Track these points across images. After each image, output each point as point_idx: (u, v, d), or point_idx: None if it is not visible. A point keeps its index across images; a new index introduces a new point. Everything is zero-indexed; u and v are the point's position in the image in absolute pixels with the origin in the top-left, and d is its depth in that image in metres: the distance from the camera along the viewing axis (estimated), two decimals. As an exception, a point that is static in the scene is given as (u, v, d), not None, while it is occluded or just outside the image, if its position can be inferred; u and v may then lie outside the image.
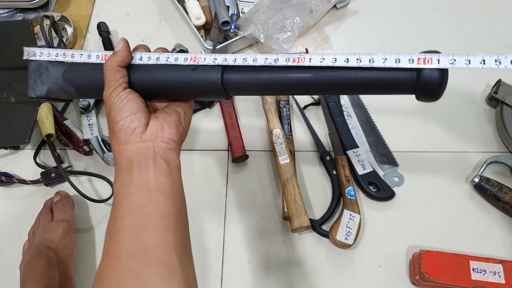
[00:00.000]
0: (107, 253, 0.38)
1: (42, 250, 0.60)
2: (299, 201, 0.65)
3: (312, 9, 0.80)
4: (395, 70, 0.39)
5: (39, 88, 0.48)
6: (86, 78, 0.47)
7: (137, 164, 0.40)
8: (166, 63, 0.46)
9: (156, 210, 0.39)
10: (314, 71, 0.41)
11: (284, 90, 0.44)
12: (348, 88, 0.42)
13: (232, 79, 0.43)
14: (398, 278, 0.64)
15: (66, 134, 0.74)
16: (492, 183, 0.67)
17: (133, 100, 0.42)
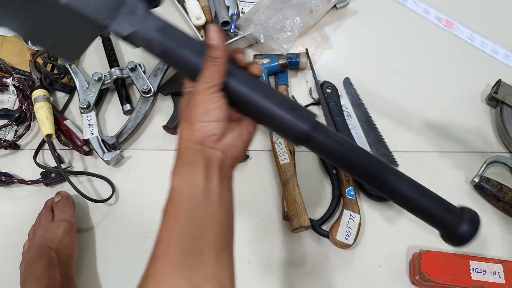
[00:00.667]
0: (164, 253, 0.37)
1: (43, 250, 0.60)
2: (299, 201, 0.65)
3: (312, 9, 0.80)
4: (445, 211, 0.45)
5: (124, 25, 0.44)
6: (180, 50, 0.44)
7: (204, 169, 0.39)
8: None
9: (218, 225, 0.38)
10: (392, 177, 0.45)
11: (354, 173, 0.45)
12: (401, 201, 0.46)
13: (317, 139, 0.43)
14: (398, 278, 0.64)
15: (66, 134, 0.74)
16: (492, 183, 0.67)
17: (222, 108, 0.41)
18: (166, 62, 0.47)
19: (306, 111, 0.44)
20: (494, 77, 0.77)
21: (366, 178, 0.45)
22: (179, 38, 0.45)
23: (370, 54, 0.85)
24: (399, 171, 0.46)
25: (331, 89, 0.79)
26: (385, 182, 0.44)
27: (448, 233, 0.45)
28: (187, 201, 0.39)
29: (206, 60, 0.42)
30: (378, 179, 0.44)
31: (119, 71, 0.78)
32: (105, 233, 0.69)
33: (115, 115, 0.79)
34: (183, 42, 0.44)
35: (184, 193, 0.39)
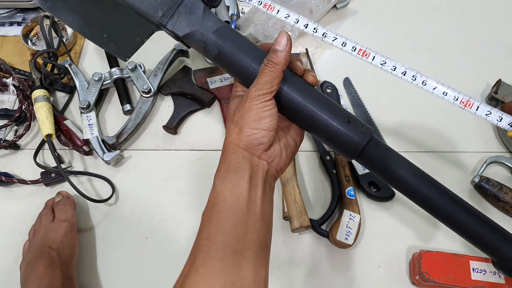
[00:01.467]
0: (204, 263, 0.36)
1: (44, 249, 0.60)
2: (299, 201, 0.65)
3: (312, 9, 0.80)
4: (503, 240, 0.43)
5: (180, 25, 0.43)
6: (237, 54, 0.43)
7: (249, 178, 0.39)
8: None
9: (258, 240, 0.37)
10: (449, 204, 0.44)
11: (408, 195, 0.44)
12: (461, 232, 0.45)
13: (371, 153, 0.42)
14: (398, 278, 0.64)
15: (66, 134, 0.74)
16: (492, 183, 0.67)
17: (274, 116, 0.40)
18: (219, 65, 0.45)
19: (362, 124, 0.42)
20: (494, 77, 0.77)
21: (421, 203, 0.44)
22: (236, 41, 0.43)
23: (370, 54, 0.85)
24: (457, 197, 0.45)
25: (331, 89, 0.79)
26: (443, 211, 0.44)
27: (503, 262, 0.43)
28: (230, 210, 0.38)
29: (265, 65, 0.40)
30: (436, 208, 0.44)
31: (119, 71, 0.78)
32: (105, 233, 0.69)
33: (115, 115, 0.79)
34: (240, 46, 0.43)
35: (227, 201, 0.38)
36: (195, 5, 0.43)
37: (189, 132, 0.77)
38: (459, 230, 0.44)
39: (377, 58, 0.43)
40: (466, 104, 0.43)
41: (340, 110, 0.43)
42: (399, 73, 0.44)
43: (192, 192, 0.71)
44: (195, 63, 0.84)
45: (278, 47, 0.40)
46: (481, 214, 0.45)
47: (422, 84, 0.44)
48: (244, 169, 0.39)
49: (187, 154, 0.75)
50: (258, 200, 0.39)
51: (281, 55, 0.40)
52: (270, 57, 0.40)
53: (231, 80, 0.80)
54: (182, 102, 0.78)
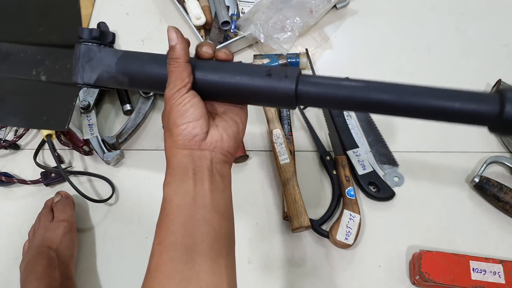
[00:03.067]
0: (157, 268, 0.36)
1: (43, 250, 0.60)
2: (299, 201, 0.65)
3: (312, 9, 0.80)
4: (477, 102, 0.39)
5: (88, 74, 0.45)
6: (143, 70, 0.44)
7: (193, 174, 0.39)
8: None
9: (211, 231, 0.37)
10: (396, 93, 0.40)
11: (361, 109, 0.42)
12: (427, 116, 0.41)
13: (307, 91, 0.41)
14: (398, 278, 0.64)
15: (66, 134, 0.74)
16: (492, 183, 0.67)
17: (197, 105, 0.40)
18: (137, 88, 0.47)
19: (284, 71, 0.42)
20: (494, 77, 0.77)
21: (380, 111, 0.41)
22: (139, 59, 0.45)
23: (370, 54, 0.85)
24: (412, 87, 0.41)
25: (331, 89, 0.79)
26: (400, 107, 0.40)
27: (495, 123, 0.39)
28: (176, 210, 0.38)
29: (169, 64, 0.41)
30: (391, 108, 0.40)
31: (119, 71, 0.78)
32: (105, 233, 0.69)
33: (115, 115, 0.79)
34: (144, 61, 0.45)
35: (173, 203, 0.38)
36: (91, 51, 0.46)
37: (189, 132, 0.77)
38: (432, 117, 0.41)
39: None
40: None
41: (257, 68, 0.42)
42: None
43: (192, 192, 0.71)
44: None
45: (171, 43, 0.41)
46: (440, 90, 0.42)
47: None
48: (186, 167, 0.39)
49: (187, 154, 0.75)
50: (206, 192, 0.38)
51: (177, 48, 0.41)
52: (169, 55, 0.42)
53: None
54: (182, 102, 0.78)
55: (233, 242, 0.40)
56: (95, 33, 0.46)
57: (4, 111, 0.56)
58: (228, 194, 0.41)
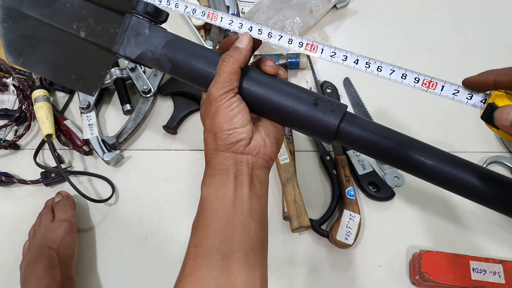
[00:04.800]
0: (192, 272, 0.35)
1: (44, 250, 0.60)
2: (299, 201, 0.65)
3: (312, 9, 0.80)
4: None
5: (131, 48, 0.44)
6: (190, 62, 0.42)
7: (233, 177, 0.38)
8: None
9: (248, 239, 0.36)
10: (438, 161, 0.39)
11: (395, 165, 0.41)
12: (462, 193, 0.41)
13: (348, 131, 0.40)
14: (398, 278, 0.64)
15: (66, 134, 0.74)
16: (492, 183, 0.67)
17: (244, 111, 0.39)
18: (177, 77, 0.45)
19: (332, 103, 0.40)
20: (494, 77, 0.76)
21: (418, 173, 0.40)
22: (187, 50, 0.43)
23: (370, 54, 0.84)
24: (457, 159, 0.40)
25: (331, 89, 0.79)
26: (440, 174, 0.39)
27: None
28: (215, 214, 0.37)
29: (223, 61, 0.40)
30: (429, 172, 0.39)
31: (119, 71, 0.78)
32: (105, 233, 0.69)
33: (115, 115, 0.79)
34: (192, 53, 0.43)
35: (212, 206, 0.37)
36: (141, 26, 0.44)
37: (189, 132, 0.77)
38: (467, 194, 0.41)
39: (325, 50, 0.40)
40: (429, 85, 0.39)
41: (305, 94, 0.41)
42: (351, 62, 0.41)
43: (192, 192, 0.71)
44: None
45: (240, 45, 0.40)
46: (487, 171, 0.40)
47: (377, 71, 0.40)
48: (227, 169, 0.38)
49: (187, 154, 0.75)
50: (245, 197, 0.38)
51: (242, 51, 0.40)
52: (229, 52, 0.40)
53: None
54: (182, 102, 0.78)
55: (267, 252, 0.39)
56: (150, 8, 0.44)
57: (35, 56, 0.54)
58: (265, 202, 0.40)
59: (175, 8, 0.46)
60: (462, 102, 0.38)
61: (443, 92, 0.38)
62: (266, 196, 0.41)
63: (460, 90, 0.38)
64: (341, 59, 0.40)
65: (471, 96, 0.38)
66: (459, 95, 0.38)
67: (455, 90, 0.38)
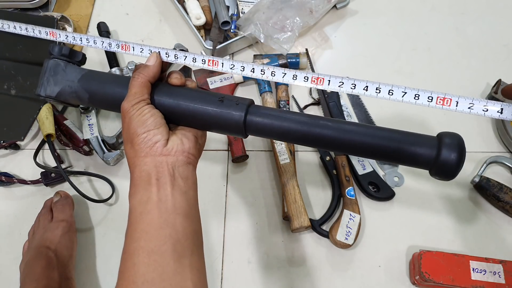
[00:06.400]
0: (122, 276, 0.37)
1: (42, 250, 0.60)
2: (299, 201, 0.65)
3: (312, 9, 0.80)
4: (418, 145, 0.41)
5: (51, 87, 0.47)
6: (104, 88, 0.46)
7: (155, 180, 0.40)
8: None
9: (173, 233, 0.38)
10: (339, 130, 0.42)
11: (303, 142, 0.43)
12: (369, 154, 0.42)
13: (255, 121, 0.43)
14: (398, 278, 0.64)
15: (66, 134, 0.74)
16: (492, 183, 0.67)
17: (156, 115, 0.42)
18: (95, 105, 0.49)
19: (237, 99, 0.44)
20: (494, 77, 0.77)
21: (322, 145, 0.43)
22: (101, 77, 0.47)
23: (370, 54, 0.85)
24: (356, 125, 0.42)
25: (331, 89, 0.79)
26: (340, 143, 0.42)
27: (432, 167, 0.41)
28: (139, 218, 0.39)
29: (133, 77, 0.43)
30: (332, 143, 0.42)
31: (119, 71, 0.78)
32: (105, 233, 0.69)
33: (115, 115, 0.79)
34: (106, 79, 0.47)
35: (137, 211, 0.39)
36: (58, 66, 0.48)
37: (189, 132, 0.77)
38: (376, 157, 0.43)
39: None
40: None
41: (210, 95, 0.44)
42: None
43: (192, 192, 0.71)
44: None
45: (148, 62, 0.44)
46: (383, 130, 0.43)
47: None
48: (148, 174, 0.40)
49: (187, 154, 0.75)
50: (168, 196, 0.39)
51: (150, 68, 0.44)
52: (138, 70, 0.44)
53: (231, 80, 0.80)
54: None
55: (199, 241, 0.41)
56: (65, 51, 0.48)
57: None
58: (192, 195, 0.42)
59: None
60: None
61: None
62: (193, 189, 0.42)
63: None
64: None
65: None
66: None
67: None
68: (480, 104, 0.39)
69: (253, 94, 0.81)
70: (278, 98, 0.77)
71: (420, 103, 0.41)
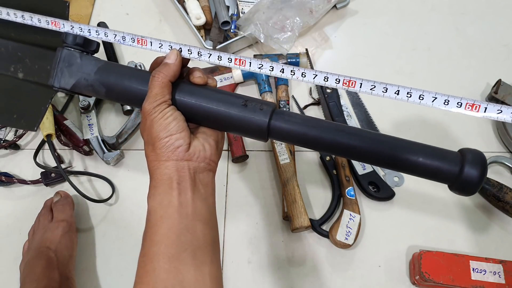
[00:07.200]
0: (141, 279, 0.37)
1: (42, 250, 0.60)
2: (299, 201, 0.65)
3: (312, 9, 0.80)
4: (441, 160, 0.41)
5: (65, 79, 0.45)
6: (122, 83, 0.44)
7: (177, 184, 0.39)
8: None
9: (194, 240, 0.38)
10: (363, 140, 0.41)
11: (326, 150, 0.43)
12: (392, 166, 0.42)
13: (279, 126, 0.42)
14: (398, 278, 0.64)
15: (66, 134, 0.74)
16: (492, 183, 0.67)
17: (179, 118, 0.41)
18: (113, 100, 0.48)
19: (261, 103, 0.43)
20: (494, 77, 0.76)
21: (346, 155, 0.43)
22: (119, 71, 0.45)
23: (370, 54, 0.85)
24: (379, 135, 0.43)
25: (331, 89, 0.79)
26: (366, 153, 0.42)
27: (454, 183, 0.41)
28: (159, 221, 0.38)
29: (153, 76, 0.42)
30: (358, 153, 0.42)
31: (119, 71, 0.78)
32: (105, 233, 0.69)
33: (115, 115, 0.79)
34: (124, 73, 0.45)
35: (157, 214, 0.39)
36: (72, 57, 0.46)
37: (189, 132, 0.77)
38: (398, 168, 0.43)
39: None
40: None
41: (234, 98, 0.43)
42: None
43: (192, 192, 0.71)
44: (195, 63, 0.84)
45: (168, 60, 0.43)
46: (408, 144, 0.43)
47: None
48: (170, 178, 0.39)
49: (187, 154, 0.75)
50: (189, 202, 0.39)
51: (171, 66, 0.42)
52: (158, 68, 0.42)
53: (231, 80, 0.80)
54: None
55: (217, 248, 0.41)
56: (79, 40, 0.46)
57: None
58: (211, 202, 0.42)
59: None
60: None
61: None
62: (213, 196, 0.42)
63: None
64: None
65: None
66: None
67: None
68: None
69: (253, 94, 0.81)
70: (278, 98, 0.77)
71: (425, 103, 0.42)
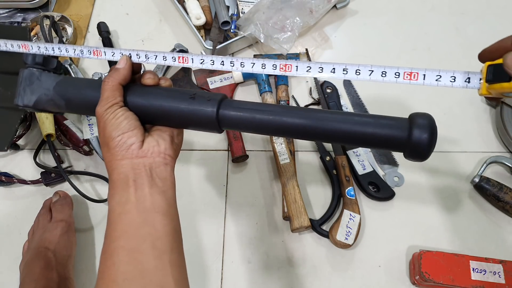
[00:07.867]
0: (102, 275, 0.37)
1: (41, 250, 0.60)
2: (299, 201, 0.65)
3: (312, 9, 0.80)
4: (389, 128, 0.40)
5: (28, 97, 0.48)
6: (79, 92, 0.47)
7: (133, 181, 0.40)
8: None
9: (153, 231, 0.38)
10: (310, 118, 0.42)
11: (277, 133, 0.44)
12: (341, 140, 0.43)
13: (228, 115, 0.43)
14: (398, 278, 0.64)
15: (66, 134, 0.74)
16: (492, 183, 0.67)
17: (130, 117, 0.42)
18: (72, 111, 0.50)
19: (209, 95, 0.44)
20: (494, 77, 0.76)
21: (296, 135, 0.43)
22: (75, 83, 0.48)
23: (370, 54, 0.85)
24: (328, 112, 0.43)
25: (331, 89, 0.79)
26: (314, 131, 0.42)
27: (405, 149, 0.41)
28: (118, 218, 0.39)
29: (104, 81, 0.43)
30: (306, 131, 0.42)
31: (119, 71, 0.78)
32: (105, 233, 0.69)
33: (115, 115, 0.79)
34: (80, 84, 0.47)
35: (116, 212, 0.40)
36: (32, 75, 0.48)
37: (188, 132, 0.77)
38: (351, 142, 0.42)
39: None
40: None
41: (182, 93, 0.44)
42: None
43: (191, 192, 0.71)
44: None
45: (118, 66, 0.45)
46: (356, 116, 0.42)
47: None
48: (126, 176, 0.40)
49: (187, 154, 0.75)
50: (146, 196, 0.40)
51: (120, 71, 0.44)
52: (108, 74, 0.44)
53: (231, 80, 0.80)
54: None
55: (178, 238, 0.41)
56: (38, 59, 0.48)
57: None
58: (170, 195, 0.42)
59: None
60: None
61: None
62: (172, 189, 0.43)
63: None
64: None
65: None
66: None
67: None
68: (447, 75, 0.40)
69: (253, 94, 0.81)
70: (278, 98, 0.77)
71: (388, 80, 0.40)
